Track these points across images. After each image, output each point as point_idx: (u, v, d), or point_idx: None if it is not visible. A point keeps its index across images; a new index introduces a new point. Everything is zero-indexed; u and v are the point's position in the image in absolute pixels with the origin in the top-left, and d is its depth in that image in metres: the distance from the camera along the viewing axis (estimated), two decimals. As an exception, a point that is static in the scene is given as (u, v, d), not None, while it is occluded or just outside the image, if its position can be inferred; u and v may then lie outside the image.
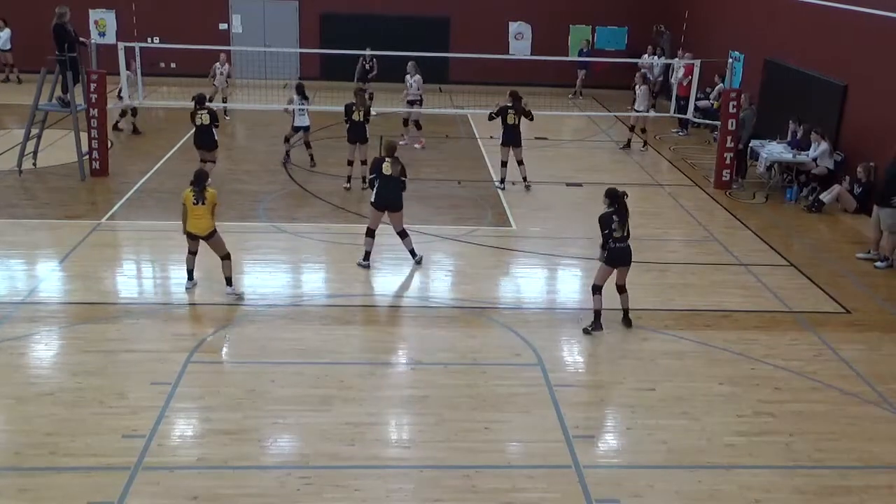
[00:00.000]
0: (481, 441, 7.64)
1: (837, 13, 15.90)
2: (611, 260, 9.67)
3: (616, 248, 9.61)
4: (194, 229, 10.14)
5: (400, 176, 11.34)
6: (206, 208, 10.08)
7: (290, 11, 25.50)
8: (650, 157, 18.51)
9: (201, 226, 10.13)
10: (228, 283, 10.34)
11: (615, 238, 9.58)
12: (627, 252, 9.69)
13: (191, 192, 10.05)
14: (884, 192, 12.25)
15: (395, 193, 11.36)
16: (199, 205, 10.04)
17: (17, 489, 6.77)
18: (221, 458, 7.26)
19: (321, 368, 8.79)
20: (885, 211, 12.08)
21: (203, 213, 10.08)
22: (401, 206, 11.44)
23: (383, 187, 11.31)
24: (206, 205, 10.07)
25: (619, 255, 9.66)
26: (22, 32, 23.29)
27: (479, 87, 22.57)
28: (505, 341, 9.56)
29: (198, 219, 10.10)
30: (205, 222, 10.13)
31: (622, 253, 9.66)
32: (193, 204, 10.03)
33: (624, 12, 25.69)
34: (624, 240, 9.62)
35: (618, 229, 9.57)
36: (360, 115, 14.81)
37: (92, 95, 14.97)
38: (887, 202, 12.02)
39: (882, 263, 12.17)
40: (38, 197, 14.16)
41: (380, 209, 11.41)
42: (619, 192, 9.71)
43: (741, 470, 7.36)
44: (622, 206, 9.65)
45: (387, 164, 11.28)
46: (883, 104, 14.12)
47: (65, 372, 8.57)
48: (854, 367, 9.21)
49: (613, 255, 9.65)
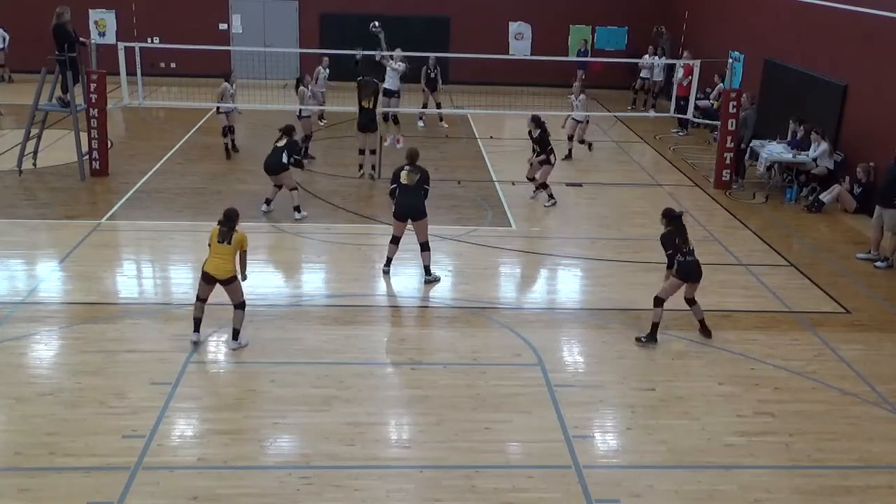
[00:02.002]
0: (481, 441, 7.64)
1: (837, 13, 15.90)
2: (682, 274, 9.56)
3: (686, 262, 9.52)
4: (212, 270, 8.87)
5: (422, 184, 10.95)
6: (230, 249, 8.90)
7: (290, 11, 25.51)
8: (650, 157, 18.52)
9: (222, 268, 8.88)
10: (235, 336, 9.17)
11: (683, 252, 9.52)
12: (697, 266, 9.59)
13: (217, 229, 8.97)
14: (885, 192, 12.25)
15: (417, 202, 10.91)
16: (225, 244, 8.89)
17: (18, 489, 6.77)
18: (221, 458, 7.26)
19: (321, 368, 8.79)
20: (888, 212, 12.07)
21: (226, 253, 8.89)
22: (424, 214, 10.96)
23: (403, 196, 10.94)
24: (232, 246, 8.93)
25: (689, 270, 9.56)
26: (16, 32, 23.28)
27: (479, 87, 22.58)
28: (505, 341, 9.56)
29: (219, 258, 8.88)
30: (226, 265, 8.90)
31: (692, 267, 9.56)
32: (219, 242, 8.89)
33: (624, 12, 25.69)
34: (692, 253, 9.55)
35: (682, 244, 9.53)
36: (369, 102, 15.19)
37: (92, 95, 14.96)
38: (890, 203, 12.02)
39: (882, 263, 12.17)
40: (38, 197, 14.16)
41: (401, 219, 11.04)
42: (676, 212, 9.77)
43: (741, 470, 7.36)
44: (680, 225, 9.64)
45: (405, 172, 10.93)
46: (883, 104, 14.12)
47: (65, 372, 8.57)
48: (854, 367, 9.22)
49: (684, 270, 9.55)
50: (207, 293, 9.05)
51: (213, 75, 24.05)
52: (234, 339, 9.16)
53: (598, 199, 15.14)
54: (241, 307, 9.11)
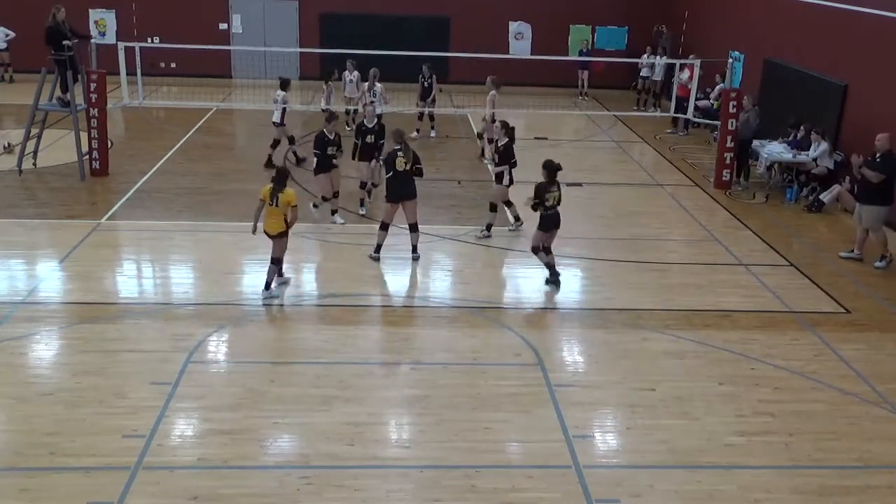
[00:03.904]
0: (481, 441, 7.64)
1: (837, 13, 15.90)
2: (546, 226, 10.88)
3: (549, 215, 10.82)
4: (266, 228, 10.22)
5: (414, 165, 11.41)
6: (279, 210, 10.06)
7: (290, 11, 25.52)
8: (650, 157, 18.52)
9: (272, 226, 10.19)
10: (267, 286, 10.30)
11: (547, 207, 10.76)
12: (557, 218, 10.91)
13: (268, 189, 10.08)
14: (861, 189, 12.31)
15: (410, 184, 11.45)
16: (273, 205, 10.04)
17: (18, 489, 6.77)
18: (221, 458, 7.26)
19: (321, 368, 8.79)
20: (865, 208, 12.11)
21: (275, 213, 10.09)
22: (415, 194, 11.52)
23: (395, 180, 11.40)
24: (280, 206, 10.03)
25: (551, 221, 10.89)
26: (18, 32, 23.30)
27: (479, 87, 22.49)
28: (505, 341, 9.57)
29: (270, 218, 10.16)
30: (275, 223, 10.15)
31: (554, 219, 10.89)
32: (269, 203, 10.07)
33: (624, 12, 25.71)
34: (555, 207, 10.82)
35: (550, 199, 10.73)
36: (373, 138, 13.41)
37: (92, 95, 14.96)
38: (867, 199, 12.06)
39: (881, 263, 12.16)
40: (38, 197, 14.16)
41: (395, 202, 11.48)
42: (555, 164, 10.89)
43: (741, 470, 7.36)
44: (555, 180, 10.84)
45: (400, 158, 11.32)
46: (883, 104, 14.12)
47: (65, 372, 8.58)
48: (854, 367, 9.22)
49: (548, 222, 10.87)
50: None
51: (213, 75, 24.24)
52: (266, 289, 10.26)
53: (598, 199, 15.14)
54: (274, 262, 10.29)
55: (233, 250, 11.92)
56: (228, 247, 12.04)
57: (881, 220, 12.09)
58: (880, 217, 12.05)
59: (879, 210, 12.00)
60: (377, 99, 16.85)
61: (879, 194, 11.97)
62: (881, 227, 12.14)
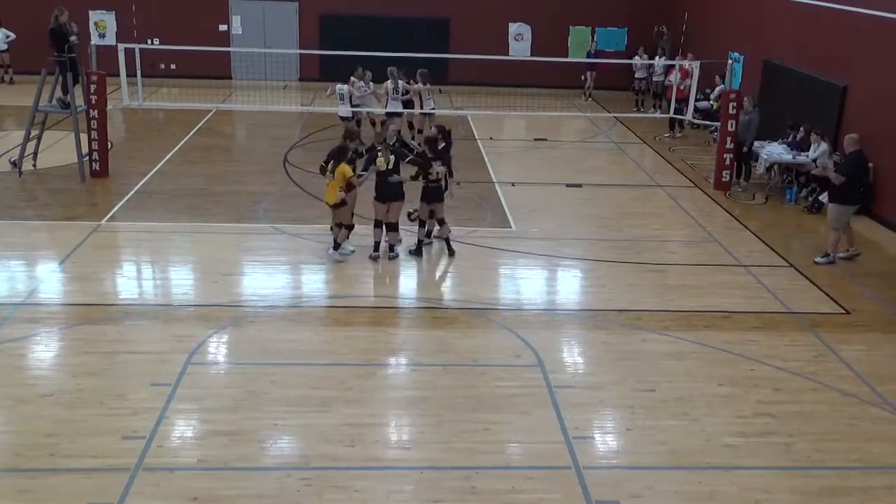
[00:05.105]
0: (481, 442, 7.64)
1: (837, 13, 15.91)
2: (427, 198, 11.66)
3: (430, 188, 11.62)
4: (325, 198, 11.54)
5: (397, 162, 11.50)
6: (335, 182, 11.17)
7: (289, 12, 25.53)
8: (650, 158, 18.53)
9: (328, 196, 11.41)
10: (336, 247, 11.53)
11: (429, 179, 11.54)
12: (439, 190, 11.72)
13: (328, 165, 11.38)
14: (829, 188, 12.41)
15: (395, 186, 11.53)
16: (330, 176, 11.30)
17: (17, 490, 6.77)
18: (221, 459, 7.26)
19: (321, 369, 8.79)
20: (831, 206, 12.23)
21: (330, 185, 11.29)
22: (402, 196, 11.61)
23: (382, 182, 11.52)
24: (336, 179, 11.13)
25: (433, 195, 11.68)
26: (19, 33, 23.31)
27: (478, 88, 22.61)
28: (505, 342, 9.57)
29: (328, 189, 11.39)
30: (329, 194, 11.35)
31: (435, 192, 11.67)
32: (327, 176, 11.35)
33: (623, 13, 25.72)
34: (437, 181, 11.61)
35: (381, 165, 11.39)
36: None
37: (92, 97, 14.97)
38: (833, 197, 12.17)
39: (822, 259, 12.22)
40: (38, 198, 14.17)
41: (384, 202, 11.58)
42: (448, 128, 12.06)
43: (741, 471, 7.36)
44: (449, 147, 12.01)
45: (381, 158, 11.47)
46: (883, 104, 14.13)
47: (65, 373, 8.57)
48: (853, 368, 9.22)
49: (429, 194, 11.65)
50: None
51: (212, 77, 24.26)
52: (335, 250, 11.51)
53: (597, 200, 15.14)
54: (339, 227, 11.48)
55: (233, 251, 11.93)
56: (228, 248, 12.05)
57: (842, 220, 12.16)
58: (842, 216, 12.13)
59: (842, 209, 12.09)
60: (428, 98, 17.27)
61: (843, 194, 12.08)
62: (840, 226, 12.20)
